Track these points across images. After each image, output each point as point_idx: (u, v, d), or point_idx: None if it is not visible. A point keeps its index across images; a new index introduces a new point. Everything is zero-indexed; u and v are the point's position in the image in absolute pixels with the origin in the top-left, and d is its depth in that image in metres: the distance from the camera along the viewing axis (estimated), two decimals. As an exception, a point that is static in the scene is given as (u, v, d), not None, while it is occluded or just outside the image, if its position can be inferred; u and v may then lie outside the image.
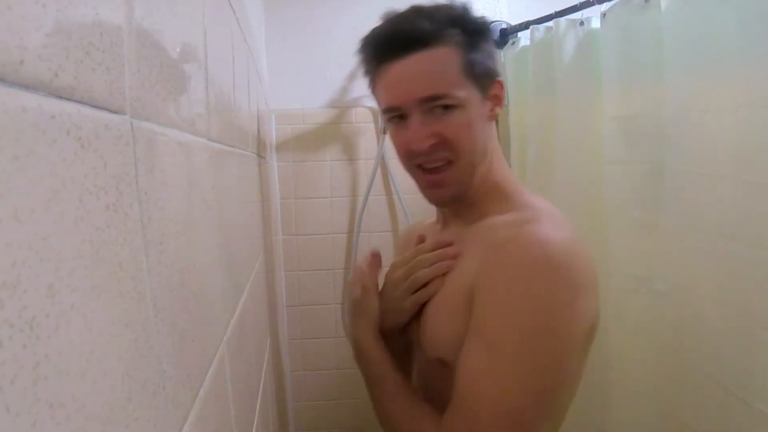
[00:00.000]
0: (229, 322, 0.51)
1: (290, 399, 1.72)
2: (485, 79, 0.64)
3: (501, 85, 0.66)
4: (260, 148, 1.10)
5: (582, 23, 1.28)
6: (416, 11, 0.62)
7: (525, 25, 1.49)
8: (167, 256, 0.30)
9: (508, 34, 1.61)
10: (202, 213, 0.41)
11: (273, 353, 1.14)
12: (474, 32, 0.62)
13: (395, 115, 0.63)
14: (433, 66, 0.59)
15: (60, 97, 0.19)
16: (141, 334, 0.25)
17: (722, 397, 0.91)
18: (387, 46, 0.61)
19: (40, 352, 0.16)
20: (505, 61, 1.63)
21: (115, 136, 0.24)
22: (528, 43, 1.46)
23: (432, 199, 0.67)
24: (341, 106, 1.66)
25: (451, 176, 0.63)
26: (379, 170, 1.66)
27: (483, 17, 0.65)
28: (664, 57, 1.04)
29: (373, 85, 0.66)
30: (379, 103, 0.66)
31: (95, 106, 0.22)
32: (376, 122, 1.68)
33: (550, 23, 1.35)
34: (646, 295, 1.11)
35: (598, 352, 1.21)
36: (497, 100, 0.66)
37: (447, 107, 0.60)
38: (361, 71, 0.69)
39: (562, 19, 1.30)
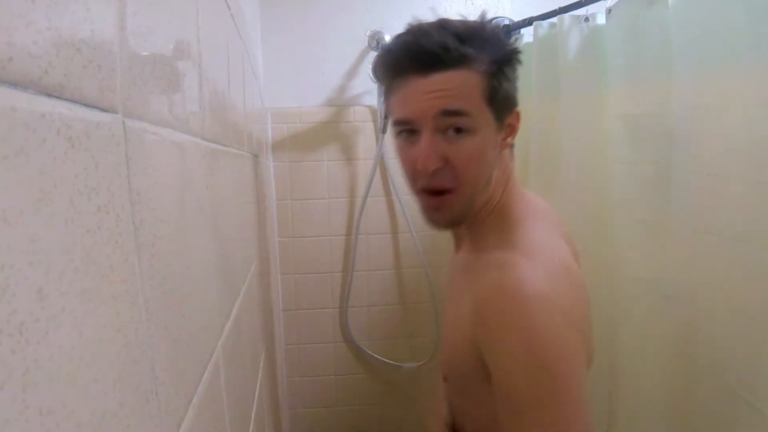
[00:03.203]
0: (224, 326, 0.50)
1: (286, 406, 1.70)
2: (504, 109, 0.63)
3: (518, 115, 0.66)
4: (256, 147, 1.10)
5: (587, 19, 1.26)
6: (444, 28, 0.59)
7: (528, 22, 1.47)
8: (160, 258, 0.30)
9: (510, 31, 1.60)
10: (195, 214, 0.40)
11: (269, 359, 1.13)
12: (501, 59, 0.61)
13: (405, 129, 0.62)
14: (454, 86, 0.58)
15: (50, 96, 0.18)
16: (133, 339, 0.25)
17: (732, 402, 0.89)
18: (408, 61, 0.59)
19: (29, 358, 0.16)
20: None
21: (107, 135, 0.23)
22: (531, 39, 1.44)
23: (430, 222, 0.67)
24: (339, 105, 1.65)
25: (450, 202, 0.63)
26: (378, 170, 1.65)
27: (513, 42, 0.63)
28: (672, 53, 1.02)
29: (388, 95, 0.65)
30: (390, 113, 0.65)
31: (86, 105, 0.21)
32: (374, 121, 1.66)
33: (554, 19, 1.33)
34: (653, 298, 1.09)
35: (605, 357, 1.19)
36: (511, 130, 0.66)
37: (459, 131, 0.59)
38: (371, 75, 0.69)
39: (567, 15, 1.28)
